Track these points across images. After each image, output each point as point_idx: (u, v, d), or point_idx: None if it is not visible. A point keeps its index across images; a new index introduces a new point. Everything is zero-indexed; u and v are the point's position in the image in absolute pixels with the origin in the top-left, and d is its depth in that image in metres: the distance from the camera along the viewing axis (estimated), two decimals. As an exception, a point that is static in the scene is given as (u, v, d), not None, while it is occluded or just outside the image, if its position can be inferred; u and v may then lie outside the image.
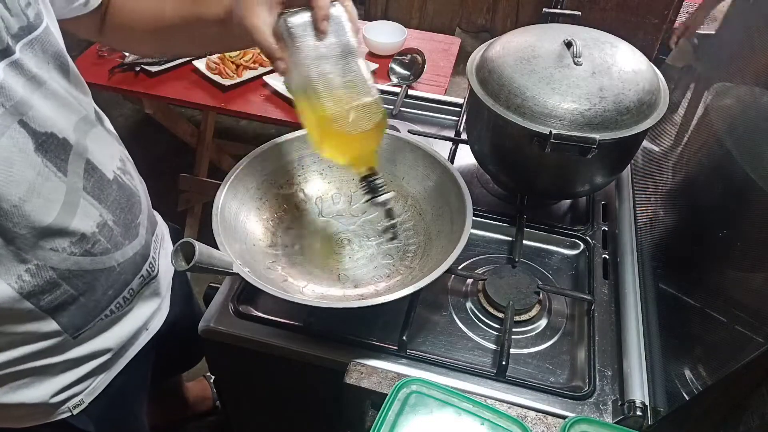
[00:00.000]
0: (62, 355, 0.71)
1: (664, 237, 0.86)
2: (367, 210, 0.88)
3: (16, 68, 0.57)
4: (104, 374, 0.78)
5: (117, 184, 0.70)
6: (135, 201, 0.74)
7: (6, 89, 0.56)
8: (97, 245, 0.67)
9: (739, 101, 0.79)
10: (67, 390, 0.74)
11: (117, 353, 0.78)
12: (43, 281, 0.63)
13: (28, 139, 0.58)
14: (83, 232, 0.65)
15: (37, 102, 0.59)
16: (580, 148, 0.76)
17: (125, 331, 0.78)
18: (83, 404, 0.77)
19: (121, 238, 0.71)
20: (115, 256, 0.70)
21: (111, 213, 0.68)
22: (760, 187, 0.64)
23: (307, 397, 0.84)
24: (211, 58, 1.70)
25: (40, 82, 0.60)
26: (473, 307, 0.81)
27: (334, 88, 0.64)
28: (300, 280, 0.78)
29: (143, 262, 0.76)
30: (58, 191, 0.61)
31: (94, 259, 0.67)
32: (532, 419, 0.65)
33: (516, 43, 0.84)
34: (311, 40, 0.62)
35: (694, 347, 0.67)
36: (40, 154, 0.59)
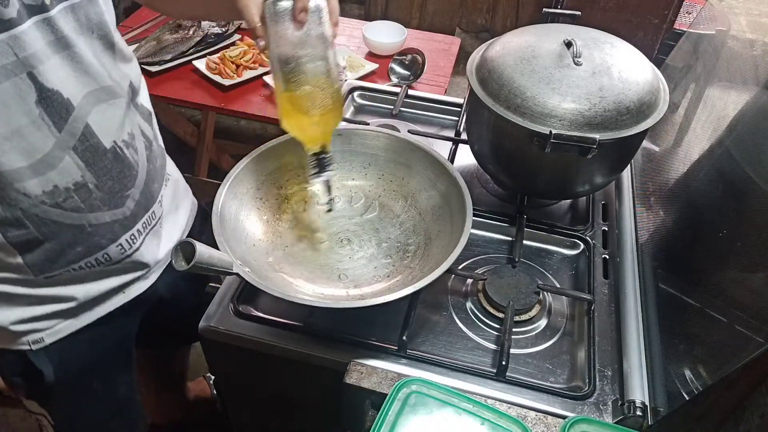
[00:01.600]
0: (26, 289, 0.74)
1: (664, 237, 0.86)
2: (368, 210, 0.88)
3: (47, 26, 0.62)
4: (69, 320, 0.80)
5: (113, 153, 0.72)
6: (129, 174, 0.75)
7: (24, 40, 0.60)
8: (68, 201, 0.69)
9: (739, 101, 0.79)
10: (28, 323, 0.77)
11: (83, 305, 0.80)
12: (11, 216, 0.67)
13: (31, 90, 0.62)
14: (57, 185, 0.68)
15: (55, 61, 0.64)
16: (580, 148, 0.76)
17: (96, 288, 0.80)
18: (43, 342, 0.79)
19: (100, 203, 0.73)
20: (87, 216, 0.72)
21: (96, 177, 0.71)
22: (760, 187, 0.64)
23: (307, 397, 0.84)
24: (211, 58, 1.70)
25: (68, 45, 0.65)
26: (473, 307, 0.81)
27: (301, 72, 0.71)
28: (300, 280, 0.78)
29: (123, 232, 0.77)
30: (45, 142, 0.65)
31: (63, 212, 0.70)
32: (532, 419, 0.65)
33: (516, 43, 0.84)
34: (289, 26, 0.69)
35: (694, 347, 0.67)
36: (40, 106, 0.63)
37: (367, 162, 0.89)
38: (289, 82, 0.71)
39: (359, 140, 0.88)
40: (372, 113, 1.16)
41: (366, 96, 1.19)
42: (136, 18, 1.91)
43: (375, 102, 1.18)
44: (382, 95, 1.18)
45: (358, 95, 1.19)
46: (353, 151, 0.89)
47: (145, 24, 1.84)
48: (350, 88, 1.18)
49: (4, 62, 0.59)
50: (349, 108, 1.17)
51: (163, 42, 1.73)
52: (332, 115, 0.75)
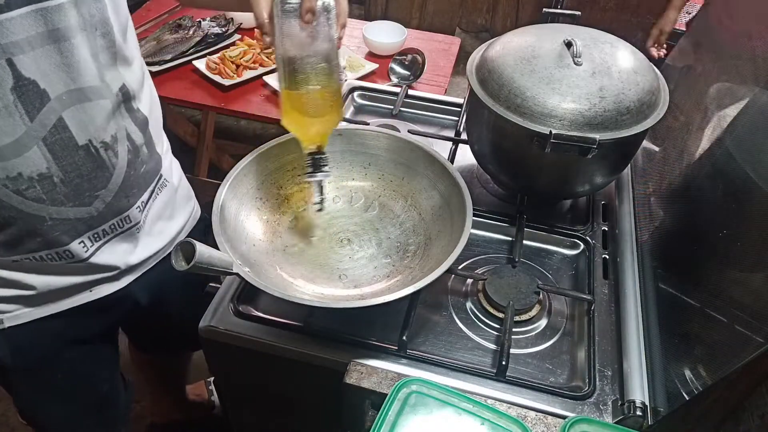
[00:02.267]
0: None
1: (664, 237, 0.86)
2: (368, 210, 0.88)
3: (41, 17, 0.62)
4: (29, 309, 0.81)
5: (86, 151, 0.72)
6: (101, 175, 0.74)
7: (8, 28, 0.60)
8: (30, 190, 0.69)
9: (739, 101, 0.79)
10: None
11: (43, 295, 0.80)
12: None
13: (8, 76, 0.62)
14: (21, 173, 0.68)
15: (40, 52, 0.64)
16: (580, 148, 0.76)
17: (58, 282, 0.80)
18: (2, 324, 0.80)
19: (64, 198, 0.72)
20: (48, 209, 0.72)
21: (62, 172, 0.71)
22: (760, 187, 0.64)
23: (307, 397, 0.84)
24: (211, 58, 1.70)
25: (61, 38, 0.65)
26: (473, 307, 0.81)
27: (302, 72, 0.71)
28: (300, 280, 0.78)
29: (87, 231, 0.77)
30: (15, 129, 0.65)
31: (24, 201, 0.70)
32: (532, 419, 0.65)
33: (516, 43, 0.84)
34: (296, 25, 0.69)
35: (694, 347, 0.67)
36: (14, 93, 0.64)
37: (367, 162, 0.89)
38: (292, 81, 0.71)
39: (359, 140, 0.89)
40: (372, 113, 1.16)
41: (366, 96, 1.19)
42: (136, 18, 1.91)
43: (375, 102, 1.18)
44: (382, 95, 1.18)
45: (358, 95, 1.19)
46: (353, 151, 0.89)
47: (145, 24, 1.84)
48: (350, 88, 1.18)
49: None
50: (349, 108, 1.17)
51: (163, 42, 1.73)
52: (331, 116, 0.75)
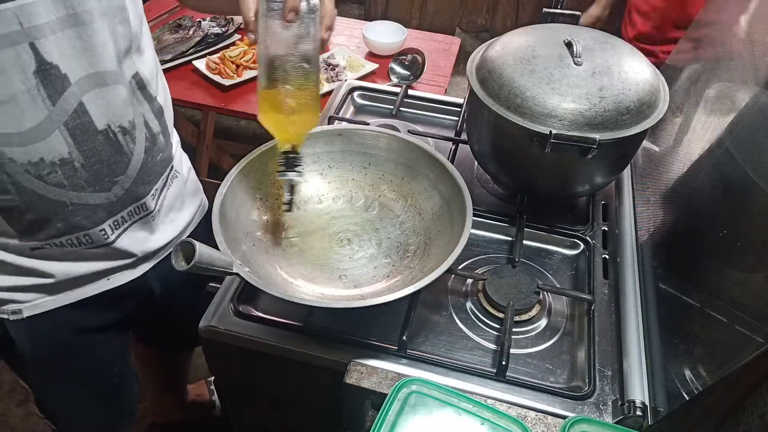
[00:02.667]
0: (11, 256, 0.75)
1: (664, 237, 0.86)
2: (368, 210, 0.88)
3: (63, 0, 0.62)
4: (49, 297, 0.81)
5: (105, 136, 0.72)
6: (120, 160, 0.75)
7: (31, 12, 0.60)
8: (52, 175, 0.70)
9: (739, 101, 0.79)
10: (9, 292, 0.78)
11: (62, 283, 0.80)
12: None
13: (32, 60, 0.62)
14: (43, 158, 0.68)
15: (61, 36, 0.64)
16: (580, 148, 0.76)
17: (76, 269, 0.80)
18: (20, 314, 0.80)
19: (84, 183, 0.73)
20: (69, 194, 0.72)
21: (83, 156, 0.71)
22: (760, 187, 0.64)
23: (307, 397, 0.84)
24: (211, 58, 1.70)
25: (81, 22, 0.65)
26: (473, 307, 0.81)
27: (280, 71, 0.71)
28: (300, 280, 0.78)
29: (108, 217, 0.77)
30: (38, 113, 0.65)
31: (45, 186, 0.70)
32: (532, 419, 0.65)
33: (516, 43, 0.84)
34: (279, 24, 0.69)
35: (694, 347, 0.67)
36: (37, 77, 0.64)
37: (367, 162, 0.89)
38: (271, 79, 0.71)
39: (359, 140, 0.89)
40: (372, 113, 1.16)
41: (366, 96, 1.19)
42: (136, 18, 1.91)
43: (375, 102, 1.18)
44: (382, 95, 1.18)
45: (358, 95, 1.19)
46: (353, 151, 0.89)
47: (145, 24, 1.84)
48: (350, 88, 1.18)
49: (7, 30, 0.60)
50: (349, 108, 1.17)
51: (163, 42, 1.73)
52: (307, 117, 0.75)
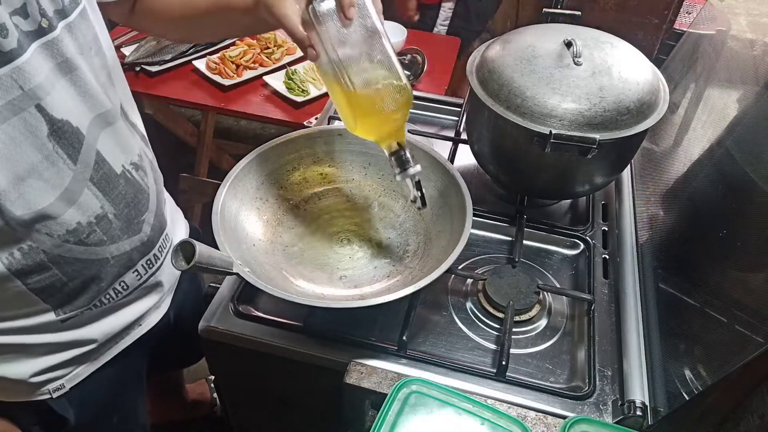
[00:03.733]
0: (46, 336, 0.71)
1: (664, 237, 0.86)
2: (368, 209, 0.88)
3: (50, 49, 0.58)
4: (88, 363, 0.79)
5: (125, 179, 0.70)
6: (142, 198, 0.74)
7: (27, 71, 0.56)
8: (92, 236, 0.67)
9: (739, 101, 0.79)
10: (48, 372, 0.74)
11: (103, 345, 0.78)
12: (32, 262, 0.63)
13: (42, 124, 0.59)
14: (80, 221, 0.65)
15: (60, 88, 0.60)
16: (580, 148, 0.76)
17: (114, 324, 0.78)
18: (64, 389, 0.77)
19: (120, 232, 0.71)
20: (110, 248, 0.70)
21: (114, 206, 0.69)
22: (760, 187, 0.64)
23: (307, 397, 0.84)
24: (211, 58, 1.70)
25: (72, 67, 0.61)
26: (473, 307, 0.81)
27: (363, 71, 0.67)
28: (300, 280, 0.78)
29: (140, 258, 0.76)
30: (62, 177, 0.62)
31: (87, 248, 0.67)
32: (532, 419, 0.65)
33: (516, 43, 0.84)
34: (338, 26, 0.65)
35: (694, 347, 0.67)
36: (53, 140, 0.60)
37: (367, 162, 0.89)
38: (354, 84, 0.67)
39: (359, 140, 0.88)
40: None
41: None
42: (136, 18, 1.91)
43: (375, 102, 1.18)
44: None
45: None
46: (353, 151, 0.89)
47: (145, 24, 1.84)
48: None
49: (9, 98, 0.55)
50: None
51: (163, 42, 1.73)
52: (402, 107, 0.71)
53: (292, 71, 1.65)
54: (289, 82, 1.63)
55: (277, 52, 1.76)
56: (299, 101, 1.58)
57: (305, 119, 1.53)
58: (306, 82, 1.63)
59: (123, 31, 1.79)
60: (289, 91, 1.61)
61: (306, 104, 1.58)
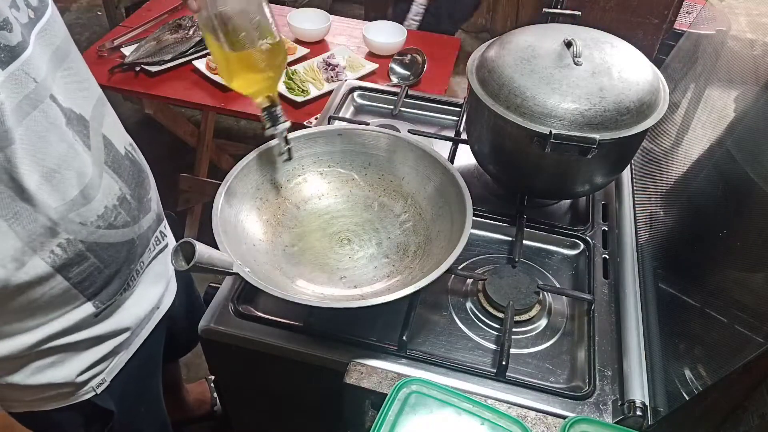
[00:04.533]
0: (87, 332, 0.72)
1: (664, 237, 0.86)
2: (368, 209, 0.88)
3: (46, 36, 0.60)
4: (123, 352, 0.80)
5: (129, 159, 0.72)
6: (145, 177, 0.76)
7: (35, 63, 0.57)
8: (119, 218, 0.69)
9: (739, 101, 0.79)
10: (92, 369, 0.76)
11: (134, 331, 0.80)
12: (73, 254, 0.65)
13: (59, 114, 0.60)
14: (106, 205, 0.67)
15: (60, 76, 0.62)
16: (580, 148, 0.76)
17: (141, 309, 0.80)
18: (106, 383, 0.79)
19: (137, 212, 0.73)
20: (134, 228, 0.72)
21: (128, 187, 0.71)
22: (760, 187, 0.64)
23: (307, 397, 0.84)
24: (211, 58, 1.70)
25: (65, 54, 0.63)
26: (473, 307, 0.81)
27: (240, 29, 0.70)
28: (300, 279, 0.78)
29: (152, 235, 0.78)
30: (86, 164, 0.63)
31: (117, 231, 0.69)
32: (532, 419, 0.65)
33: (516, 43, 0.84)
34: None
35: (694, 347, 0.67)
36: (71, 128, 0.61)
37: (367, 162, 0.89)
38: (230, 41, 0.70)
39: (359, 140, 0.89)
40: (372, 113, 1.16)
41: (366, 96, 1.19)
42: (136, 18, 1.91)
43: (375, 102, 1.18)
44: (382, 95, 1.18)
45: (358, 95, 1.19)
46: (353, 151, 0.89)
47: (145, 24, 1.84)
48: (350, 88, 1.18)
49: (26, 92, 0.56)
50: (349, 108, 1.17)
51: (163, 42, 1.73)
52: (278, 65, 0.75)
53: (292, 71, 1.65)
54: (289, 82, 1.63)
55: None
56: (299, 101, 1.58)
57: (305, 119, 1.53)
58: (306, 82, 1.63)
59: (123, 31, 1.79)
60: (289, 91, 1.61)
61: (306, 104, 1.58)
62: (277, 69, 0.75)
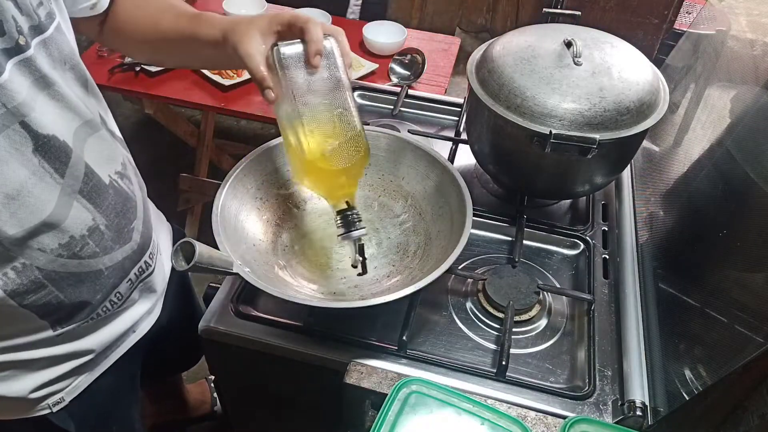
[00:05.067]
0: (43, 350, 0.70)
1: (664, 237, 0.86)
2: (368, 209, 0.88)
3: (26, 66, 0.58)
4: (86, 374, 0.78)
5: (113, 188, 0.70)
6: (130, 206, 0.74)
7: (9, 90, 0.56)
8: (85, 248, 0.66)
9: (739, 101, 0.79)
10: (47, 387, 0.74)
11: (100, 354, 0.78)
12: (28, 281, 0.63)
13: (27, 140, 0.58)
14: (72, 235, 0.64)
15: (41, 104, 0.59)
16: (580, 148, 0.76)
17: (110, 333, 0.77)
18: (63, 402, 0.76)
19: (112, 243, 0.70)
20: (104, 260, 0.70)
21: (105, 217, 0.68)
22: (760, 187, 0.64)
23: (307, 397, 0.84)
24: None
25: (49, 83, 0.61)
26: (473, 307, 0.81)
27: (320, 122, 0.64)
28: (300, 279, 0.78)
29: (132, 266, 0.75)
30: (51, 192, 0.61)
31: (81, 262, 0.67)
32: (532, 419, 0.65)
33: (516, 43, 0.84)
34: (302, 73, 0.63)
35: (694, 347, 0.67)
36: (38, 155, 0.59)
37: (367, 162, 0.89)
38: (305, 136, 0.64)
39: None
40: (372, 113, 1.16)
41: (366, 96, 1.19)
42: (136, 18, 1.91)
43: (375, 102, 1.18)
44: (382, 95, 1.18)
45: (358, 95, 1.18)
46: (353, 151, 0.89)
47: (145, 24, 1.84)
48: (350, 88, 1.18)
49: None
50: (349, 108, 1.17)
51: (163, 42, 1.73)
52: (357, 166, 0.68)
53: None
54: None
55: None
56: (299, 101, 1.58)
57: (305, 119, 1.52)
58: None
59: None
60: (289, 91, 1.61)
61: (306, 104, 1.58)
62: (355, 168, 0.68)
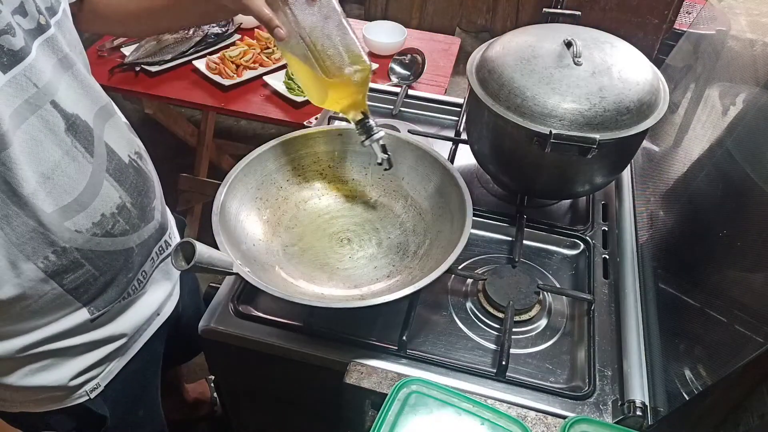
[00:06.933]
0: (82, 337, 0.72)
1: (664, 237, 0.86)
2: (368, 209, 0.88)
3: (49, 47, 0.60)
4: (119, 358, 0.80)
5: (133, 168, 0.72)
6: (150, 185, 0.76)
7: (38, 69, 0.58)
8: (116, 226, 0.69)
9: (739, 101, 0.79)
10: (85, 373, 0.75)
11: (131, 338, 0.80)
12: (67, 261, 0.65)
13: (59, 120, 0.60)
14: (103, 213, 0.67)
15: (65, 84, 0.62)
16: (580, 148, 0.76)
17: (139, 315, 0.80)
18: (100, 388, 0.78)
19: (138, 221, 0.73)
20: (133, 237, 0.72)
21: (129, 195, 0.71)
22: (760, 187, 0.64)
23: (307, 397, 0.84)
24: (211, 58, 1.70)
25: (71, 63, 0.63)
26: (473, 307, 0.81)
27: (330, 45, 0.72)
28: (300, 279, 0.78)
29: (155, 244, 0.78)
30: (83, 171, 0.64)
31: (115, 240, 0.69)
32: (532, 419, 0.65)
33: (516, 43, 0.84)
34: (303, 6, 0.70)
35: (694, 347, 0.67)
36: (70, 135, 0.62)
37: (367, 162, 0.89)
38: (322, 62, 0.72)
39: (359, 140, 0.88)
40: (372, 113, 1.15)
41: (366, 96, 1.18)
42: (136, 18, 1.91)
43: (375, 102, 1.18)
44: (382, 95, 1.18)
45: (358, 95, 1.18)
46: (353, 151, 0.89)
47: (145, 24, 1.84)
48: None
49: (26, 96, 0.57)
50: (349, 108, 1.17)
51: (163, 42, 1.73)
52: (365, 80, 0.76)
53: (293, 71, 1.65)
54: (289, 82, 1.63)
55: (277, 52, 1.76)
56: (299, 101, 1.58)
57: (305, 119, 1.53)
58: (306, 82, 1.63)
59: (123, 31, 1.79)
60: (289, 91, 1.61)
61: (306, 104, 1.58)
62: (364, 83, 0.76)
